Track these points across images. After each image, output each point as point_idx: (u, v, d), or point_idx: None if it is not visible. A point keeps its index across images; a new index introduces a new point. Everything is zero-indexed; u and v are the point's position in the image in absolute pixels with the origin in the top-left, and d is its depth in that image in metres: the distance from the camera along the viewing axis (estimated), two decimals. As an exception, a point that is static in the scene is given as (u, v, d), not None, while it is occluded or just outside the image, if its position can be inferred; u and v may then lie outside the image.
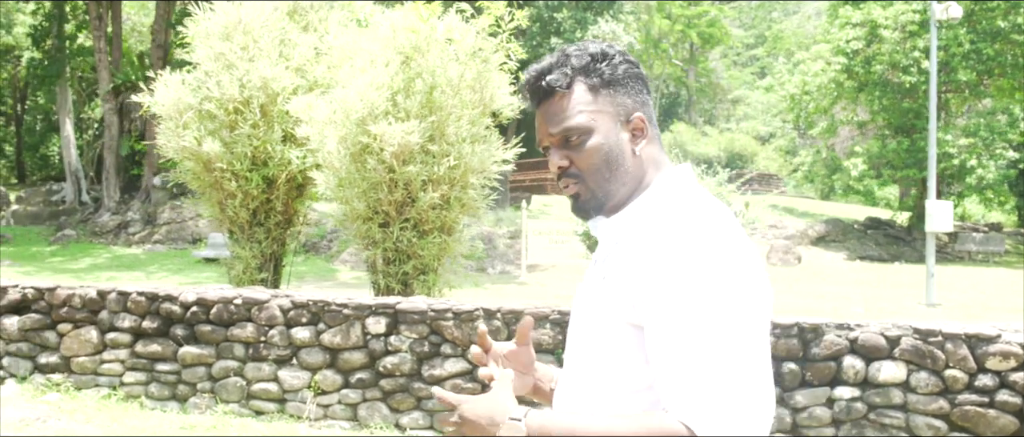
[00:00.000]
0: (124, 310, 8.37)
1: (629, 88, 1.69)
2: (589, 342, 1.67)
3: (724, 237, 1.53)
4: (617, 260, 1.63)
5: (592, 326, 1.67)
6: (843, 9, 24.23)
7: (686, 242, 1.51)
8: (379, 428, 7.75)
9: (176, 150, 9.62)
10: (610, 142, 1.66)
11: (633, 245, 1.59)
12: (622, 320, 1.59)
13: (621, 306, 1.58)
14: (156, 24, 26.35)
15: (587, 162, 1.66)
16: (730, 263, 1.50)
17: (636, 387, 1.59)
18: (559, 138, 1.68)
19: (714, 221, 1.55)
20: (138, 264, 20.86)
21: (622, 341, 1.60)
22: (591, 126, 1.65)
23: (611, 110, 1.67)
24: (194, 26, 9.86)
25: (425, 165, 9.16)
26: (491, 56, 9.38)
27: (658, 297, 1.50)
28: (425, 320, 7.72)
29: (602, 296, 1.63)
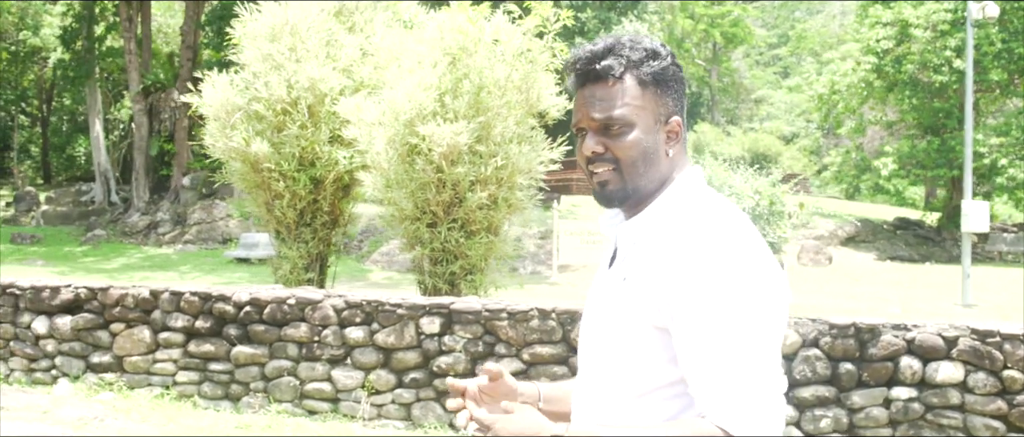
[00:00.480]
0: (177, 310, 8.43)
1: (672, 91, 1.71)
2: (610, 343, 1.68)
3: (745, 240, 1.57)
4: (638, 262, 1.65)
5: (612, 328, 1.68)
6: (873, 9, 24.09)
7: (710, 245, 1.54)
8: (433, 428, 7.77)
9: (224, 151, 9.67)
10: (648, 139, 1.68)
11: (654, 247, 1.62)
12: (646, 322, 1.60)
13: (644, 308, 1.60)
14: (185, 25, 26.50)
15: (625, 153, 1.67)
16: (752, 266, 1.54)
17: (658, 385, 1.62)
18: (600, 124, 1.68)
19: (733, 224, 1.59)
20: (170, 264, 20.98)
21: (645, 342, 1.61)
22: (634, 120, 1.67)
23: (653, 108, 1.69)
24: (241, 27, 9.91)
25: (473, 165, 9.18)
26: (538, 57, 9.38)
27: (685, 301, 1.53)
28: (479, 320, 7.73)
29: (623, 298, 1.65)
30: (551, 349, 7.62)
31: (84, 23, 27.72)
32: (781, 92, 51.09)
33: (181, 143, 26.44)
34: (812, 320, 7.45)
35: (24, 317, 8.93)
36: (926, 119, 23.68)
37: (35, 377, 8.87)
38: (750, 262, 1.54)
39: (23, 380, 8.90)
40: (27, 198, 29.56)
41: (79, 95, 43.75)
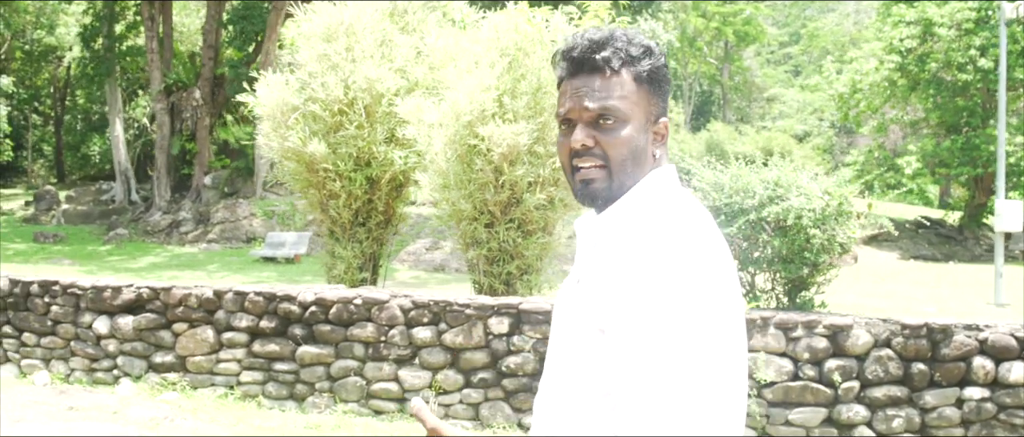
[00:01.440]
0: (241, 310, 8.44)
1: (662, 91, 1.66)
2: (563, 345, 1.62)
3: (694, 248, 1.47)
4: (593, 263, 1.58)
5: (566, 330, 1.62)
6: (896, 7, 24.07)
7: (655, 252, 1.46)
8: (501, 428, 7.78)
9: (279, 151, 9.68)
10: (639, 138, 1.62)
11: (607, 249, 1.56)
12: (591, 324, 1.53)
13: (591, 310, 1.53)
14: (207, 24, 26.53)
15: (616, 150, 1.60)
16: (696, 276, 1.44)
17: (600, 391, 1.53)
18: (593, 115, 1.60)
19: (687, 230, 1.50)
20: (197, 263, 21.00)
21: (588, 345, 1.54)
22: (629, 115, 1.60)
23: (646, 107, 1.63)
24: (296, 28, 9.92)
25: (531, 166, 9.19)
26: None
27: (619, 304, 1.46)
28: (548, 320, 7.74)
29: (576, 299, 1.59)
30: (621, 349, 7.61)
31: (104, 22, 27.73)
32: (793, 90, 51.05)
33: (202, 142, 26.45)
34: (883, 320, 7.46)
35: (85, 317, 8.95)
36: (950, 118, 23.67)
37: (96, 377, 8.89)
38: (694, 273, 1.44)
39: (84, 380, 8.92)
40: (47, 197, 29.59)
41: (94, 94, 43.82)
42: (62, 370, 9.01)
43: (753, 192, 7.71)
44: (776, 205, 7.60)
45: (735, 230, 7.72)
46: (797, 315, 7.49)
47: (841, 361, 7.32)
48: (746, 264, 7.98)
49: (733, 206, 7.78)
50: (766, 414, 7.40)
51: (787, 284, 8.05)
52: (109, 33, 27.82)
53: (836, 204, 7.57)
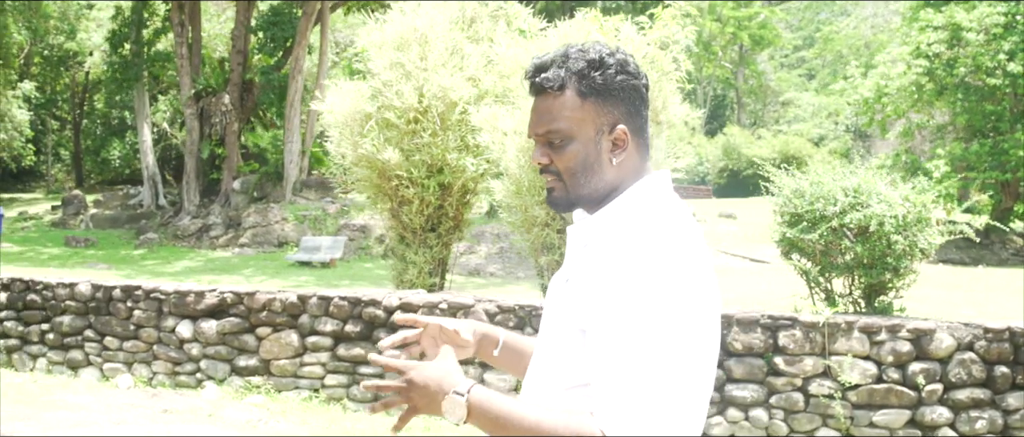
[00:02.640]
0: (325, 314, 8.59)
1: (619, 98, 1.71)
2: (547, 340, 1.73)
3: (675, 253, 1.55)
4: (581, 264, 1.69)
5: (551, 326, 1.73)
6: (924, 12, 24.18)
7: (635, 254, 1.55)
8: (587, 430, 7.91)
9: (353, 158, 9.83)
10: (588, 150, 1.70)
11: (595, 252, 1.65)
12: (574, 324, 1.64)
13: (575, 310, 1.63)
14: (236, 29, 26.68)
15: (565, 164, 1.72)
16: (676, 277, 1.53)
17: (572, 383, 1.65)
18: (543, 137, 1.74)
19: (670, 236, 1.58)
20: (231, 267, 21.12)
21: (567, 341, 1.65)
22: (572, 133, 1.70)
23: (594, 119, 1.70)
24: (368, 36, 10.08)
25: (603, 172, 9.33)
26: (668, 67, 9.54)
27: (599, 305, 1.56)
28: (633, 324, 7.88)
29: (564, 298, 1.69)
30: (706, 353, 7.75)
31: (132, 27, 27.91)
32: (809, 94, 51.16)
33: (231, 147, 26.61)
34: (965, 324, 7.61)
35: (168, 321, 9.10)
36: (978, 122, 23.78)
37: (179, 380, 9.04)
38: (674, 276, 1.53)
39: (167, 383, 9.07)
40: (74, 202, 29.76)
41: (113, 99, 44.04)
42: (145, 373, 9.16)
43: (834, 199, 7.85)
44: (858, 212, 7.74)
45: (816, 236, 7.86)
46: (881, 319, 7.63)
47: (924, 364, 7.46)
48: (826, 270, 8.12)
49: (814, 213, 7.92)
50: (850, 416, 7.54)
51: (865, 289, 8.19)
52: (137, 38, 27.99)
53: (917, 210, 7.72)
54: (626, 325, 1.51)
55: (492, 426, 1.61)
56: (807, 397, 7.61)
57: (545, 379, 1.71)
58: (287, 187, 25.72)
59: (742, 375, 7.70)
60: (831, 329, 7.58)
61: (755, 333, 7.68)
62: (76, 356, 9.42)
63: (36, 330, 9.62)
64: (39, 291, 9.65)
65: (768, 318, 7.72)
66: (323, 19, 26.26)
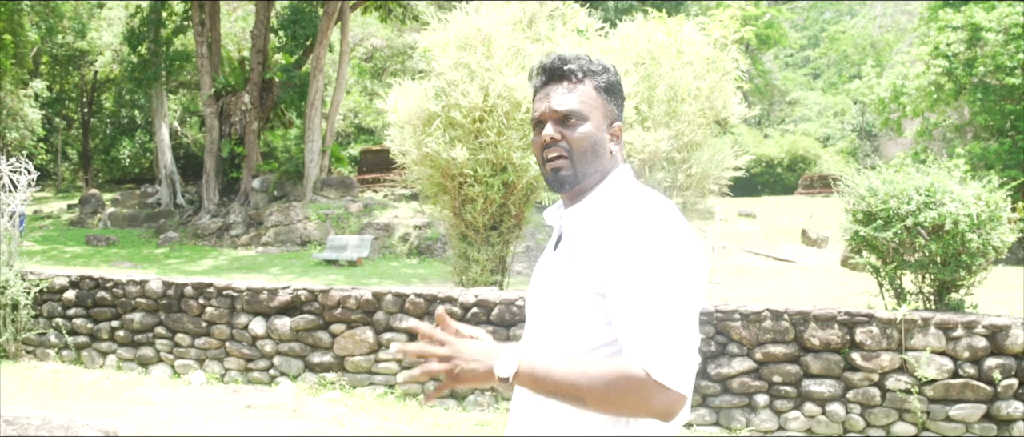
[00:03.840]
0: (401, 311, 8.70)
1: (617, 100, 2.06)
2: (557, 311, 1.94)
3: (672, 223, 1.85)
4: (582, 241, 1.93)
5: (559, 298, 1.94)
6: (943, 12, 24.38)
7: (643, 225, 1.83)
8: (664, 425, 8.03)
9: (417, 157, 9.93)
10: (598, 134, 2.00)
11: (596, 228, 1.91)
12: (588, 290, 1.88)
13: (587, 278, 1.88)
14: (255, 29, 26.74)
15: (578, 143, 1.98)
16: (678, 244, 1.83)
17: (598, 344, 1.89)
18: (561, 115, 1.99)
19: (662, 211, 1.88)
20: (257, 266, 21.18)
21: (587, 307, 1.88)
22: (589, 115, 1.99)
23: (604, 111, 2.02)
24: (431, 36, 10.19)
25: (668, 172, 9.46)
26: (728, 67, 9.67)
27: (620, 268, 1.81)
28: (712, 321, 8.01)
29: (569, 272, 1.92)
30: (784, 349, 7.90)
31: (151, 26, 27.95)
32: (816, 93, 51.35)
33: (251, 146, 26.67)
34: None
35: (241, 318, 9.20)
36: (996, 122, 23.97)
37: (252, 377, 9.14)
38: (676, 240, 1.83)
39: (239, 379, 9.17)
40: (92, 200, 29.77)
41: (122, 98, 44.05)
42: (217, 370, 9.26)
43: (908, 197, 7.98)
44: (932, 210, 7.87)
45: (890, 235, 8.00)
46: (956, 316, 7.77)
47: (1000, 360, 7.59)
48: (900, 267, 8.25)
49: (888, 211, 8.05)
50: (927, 410, 7.67)
51: (936, 286, 8.32)
52: (155, 38, 28.03)
53: (990, 209, 7.85)
54: (648, 285, 1.78)
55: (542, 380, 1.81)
56: (883, 392, 7.75)
57: (564, 343, 1.92)
58: (307, 186, 25.78)
59: (819, 370, 7.83)
60: (907, 325, 7.71)
61: (832, 329, 7.81)
62: (147, 353, 9.50)
63: (106, 327, 9.70)
64: (109, 288, 9.73)
65: (845, 314, 7.85)
66: (343, 18, 26.34)
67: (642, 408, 1.77)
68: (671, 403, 1.76)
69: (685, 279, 1.81)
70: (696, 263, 1.86)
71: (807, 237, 22.82)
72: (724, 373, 7.97)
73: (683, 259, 1.82)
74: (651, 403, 1.75)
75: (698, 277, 1.87)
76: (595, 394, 1.77)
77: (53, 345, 9.86)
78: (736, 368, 7.96)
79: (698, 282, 1.87)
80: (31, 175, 10.30)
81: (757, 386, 7.95)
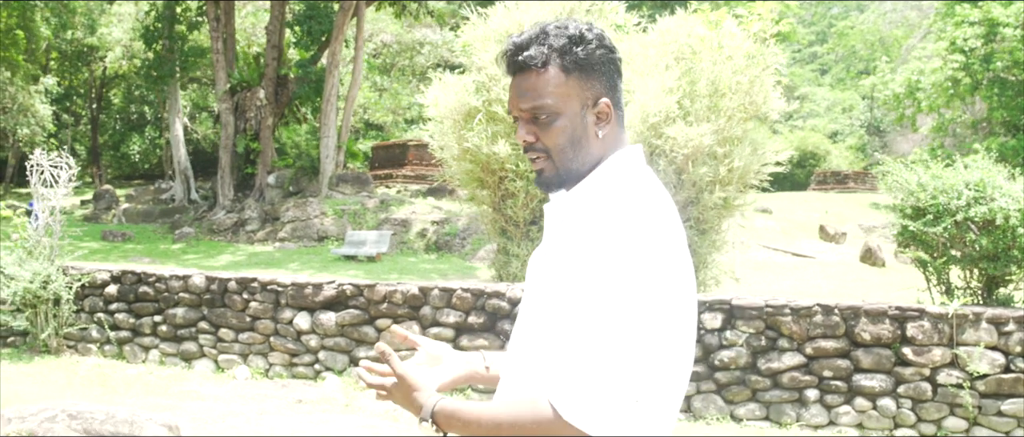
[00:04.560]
0: (448, 306, 8.70)
1: (600, 72, 1.71)
2: (528, 312, 1.72)
3: (648, 227, 1.54)
4: (561, 236, 1.68)
5: (528, 300, 1.73)
6: (960, 7, 24.37)
7: (608, 229, 1.54)
8: (714, 419, 8.05)
9: (458, 152, 9.93)
10: (575, 124, 1.69)
11: (573, 224, 1.65)
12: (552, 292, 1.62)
13: (558, 279, 1.61)
14: (271, 24, 26.72)
15: (553, 141, 1.70)
16: (643, 254, 1.50)
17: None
18: (528, 114, 1.71)
19: (642, 210, 1.57)
20: (275, 262, 21.18)
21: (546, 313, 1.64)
22: (559, 109, 1.68)
23: (579, 94, 1.69)
24: (471, 31, 10.18)
25: (709, 167, 9.47)
26: (769, 61, 9.67)
27: (568, 278, 1.56)
28: (762, 315, 8.02)
29: (540, 272, 1.70)
30: (834, 343, 7.91)
31: (165, 23, 27.94)
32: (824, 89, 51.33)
33: (266, 142, 26.66)
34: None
35: (285, 313, 9.21)
36: (1014, 117, 23.97)
37: (296, 371, 9.15)
38: (646, 251, 1.51)
39: (284, 374, 9.18)
40: (106, 196, 29.79)
41: (131, 94, 44.05)
42: (261, 365, 9.27)
43: (958, 192, 7.99)
44: (982, 205, 7.88)
45: (940, 230, 8.00)
46: (1008, 311, 7.77)
47: (1052, 354, 7.60)
48: (950, 262, 8.26)
49: (938, 206, 8.06)
50: (978, 405, 7.68)
51: (984, 281, 8.34)
52: (170, 34, 28.01)
53: (1042, 207, 7.86)
54: (587, 297, 1.50)
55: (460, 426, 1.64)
56: (935, 387, 7.76)
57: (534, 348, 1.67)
58: (323, 181, 25.78)
59: (870, 365, 7.83)
60: (958, 320, 7.71)
61: (883, 324, 7.82)
62: (190, 348, 9.52)
63: (148, 322, 9.71)
64: (152, 283, 9.75)
65: (896, 309, 7.85)
66: (359, 14, 26.32)
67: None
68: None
69: (642, 300, 1.47)
70: (664, 280, 1.51)
71: (825, 233, 22.83)
72: (774, 368, 7.98)
73: (644, 275, 1.49)
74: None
75: (665, 296, 1.51)
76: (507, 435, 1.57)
77: (94, 340, 9.87)
78: (786, 363, 7.97)
79: (665, 301, 1.51)
80: (71, 169, 10.30)
81: (807, 381, 7.96)
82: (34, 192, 10.26)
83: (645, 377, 1.47)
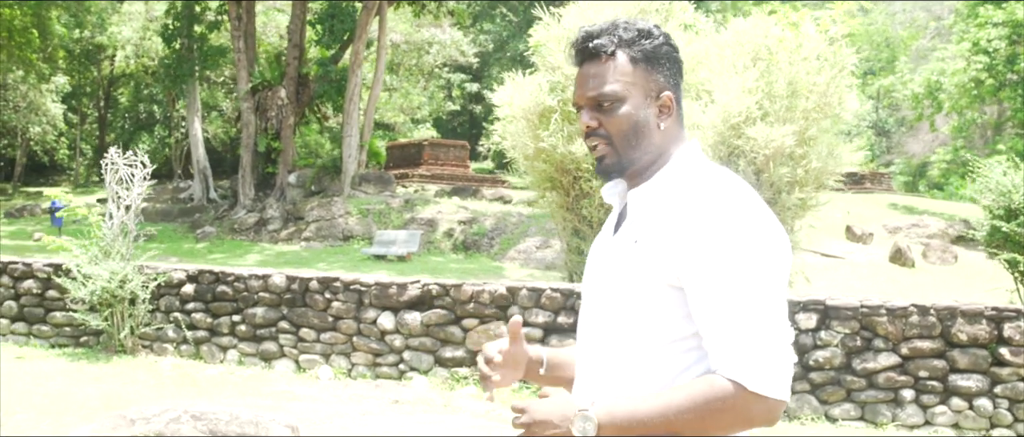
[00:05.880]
0: (537, 306, 8.71)
1: (664, 68, 1.78)
2: (622, 304, 1.74)
3: (750, 205, 1.64)
4: (648, 225, 1.72)
5: (624, 288, 1.74)
6: (983, 9, 24.50)
7: (719, 208, 1.62)
8: (809, 419, 8.08)
9: (533, 151, 9.94)
10: (639, 113, 1.76)
11: (665, 211, 1.70)
12: (660, 281, 1.68)
13: (657, 268, 1.67)
14: (292, 24, 26.67)
15: (616, 127, 1.76)
16: (759, 228, 1.62)
17: (672, 339, 1.69)
18: (593, 100, 1.77)
19: (738, 190, 1.67)
20: (303, 261, 21.14)
21: (659, 300, 1.69)
22: (624, 95, 1.75)
23: (644, 84, 1.76)
24: (544, 31, 10.19)
25: (789, 168, 9.50)
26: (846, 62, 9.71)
27: (698, 260, 1.62)
28: (857, 316, 8.06)
29: (634, 260, 1.72)
30: (930, 344, 7.95)
31: (184, 22, 27.86)
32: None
33: (287, 141, 26.61)
34: None
35: (369, 313, 9.20)
36: (1037, 118, 24.10)
37: (380, 371, 9.15)
38: (757, 224, 1.62)
39: (367, 374, 9.17)
40: (123, 195, 29.67)
41: (140, 93, 43.89)
42: (343, 365, 9.26)
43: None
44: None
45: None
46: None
47: None
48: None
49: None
50: (1075, 405, 7.74)
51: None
52: (189, 33, 27.93)
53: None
54: (730, 279, 1.59)
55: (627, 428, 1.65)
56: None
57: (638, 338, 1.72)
58: (345, 181, 25.74)
59: (967, 365, 7.88)
60: (1062, 317, 7.76)
61: (980, 325, 7.86)
62: (270, 347, 9.50)
63: (226, 322, 9.69)
64: (230, 283, 9.73)
65: (993, 310, 7.90)
66: (382, 13, 26.29)
67: (742, 424, 1.61)
68: (771, 411, 1.59)
69: (771, 268, 1.61)
70: (780, 249, 1.65)
71: (851, 233, 22.92)
72: (869, 368, 8.01)
73: (767, 246, 1.62)
74: (751, 417, 1.59)
75: (784, 264, 1.65)
76: (689, 424, 1.61)
77: (170, 339, 9.85)
78: (882, 363, 8.00)
79: (783, 269, 1.65)
80: (145, 168, 10.28)
81: (903, 381, 8.00)
82: (108, 191, 10.23)
83: (785, 334, 1.62)
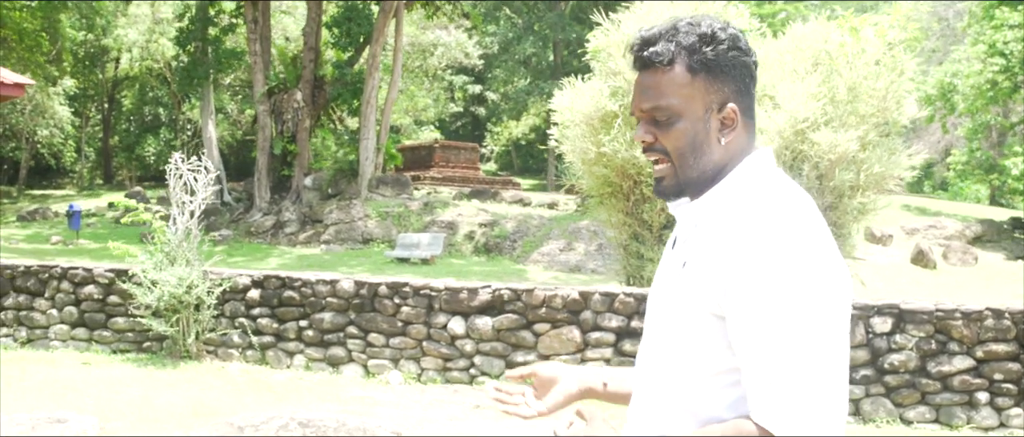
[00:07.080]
0: (610, 310, 8.78)
1: (730, 76, 1.61)
2: (669, 329, 1.63)
3: (808, 230, 1.48)
4: (697, 247, 1.59)
5: (672, 313, 1.62)
6: (999, 10, 24.68)
7: (769, 234, 1.47)
8: (884, 422, 8.18)
9: (592, 156, 10.01)
10: (697, 128, 1.61)
11: (714, 233, 1.56)
12: (704, 309, 1.55)
13: (703, 295, 1.54)
14: (307, 27, 26.70)
15: (673, 144, 1.63)
16: (813, 257, 1.45)
17: (718, 371, 1.56)
18: (648, 114, 1.64)
19: (796, 211, 1.51)
20: (326, 264, 21.16)
21: (704, 329, 1.56)
22: (681, 110, 1.60)
23: (704, 97, 1.60)
24: (602, 37, 10.27)
25: (852, 173, 9.60)
26: (904, 67, 9.82)
27: (740, 290, 1.47)
28: (932, 319, 8.16)
29: (682, 283, 1.59)
30: (1005, 347, 8.05)
31: (199, 25, 27.85)
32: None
33: (303, 144, 26.62)
34: None
35: (439, 318, 9.25)
36: (1054, 120, 24.29)
37: (450, 376, 9.20)
38: (811, 254, 1.45)
39: (437, 379, 9.22)
40: (137, 198, 29.63)
41: (144, 95, 43.77)
42: (413, 370, 9.31)
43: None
44: None
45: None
46: None
47: None
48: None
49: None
50: None
51: None
52: (203, 37, 27.92)
53: None
54: (771, 315, 1.44)
55: None
56: (1105, 388, 7.92)
57: (684, 367, 1.60)
58: (363, 184, 25.78)
59: (1042, 367, 7.99)
60: None
61: None
62: (337, 353, 9.54)
63: (293, 327, 9.73)
64: (297, 288, 9.76)
65: (1018, 311, 8.02)
66: (399, 16, 26.33)
67: None
68: None
69: (821, 305, 1.43)
70: (835, 284, 1.46)
71: (871, 235, 23.05)
72: (944, 371, 8.11)
73: (819, 280, 1.44)
74: None
75: (837, 302, 1.46)
76: None
77: (235, 345, 9.88)
78: (957, 366, 8.10)
79: (838, 306, 1.46)
80: (209, 173, 10.31)
81: (978, 384, 8.10)
82: (172, 196, 10.26)
83: (834, 381, 1.45)
